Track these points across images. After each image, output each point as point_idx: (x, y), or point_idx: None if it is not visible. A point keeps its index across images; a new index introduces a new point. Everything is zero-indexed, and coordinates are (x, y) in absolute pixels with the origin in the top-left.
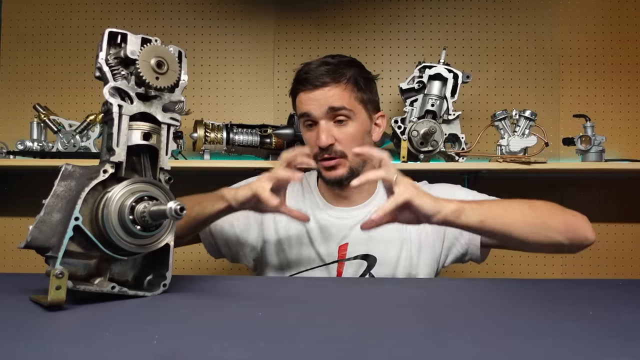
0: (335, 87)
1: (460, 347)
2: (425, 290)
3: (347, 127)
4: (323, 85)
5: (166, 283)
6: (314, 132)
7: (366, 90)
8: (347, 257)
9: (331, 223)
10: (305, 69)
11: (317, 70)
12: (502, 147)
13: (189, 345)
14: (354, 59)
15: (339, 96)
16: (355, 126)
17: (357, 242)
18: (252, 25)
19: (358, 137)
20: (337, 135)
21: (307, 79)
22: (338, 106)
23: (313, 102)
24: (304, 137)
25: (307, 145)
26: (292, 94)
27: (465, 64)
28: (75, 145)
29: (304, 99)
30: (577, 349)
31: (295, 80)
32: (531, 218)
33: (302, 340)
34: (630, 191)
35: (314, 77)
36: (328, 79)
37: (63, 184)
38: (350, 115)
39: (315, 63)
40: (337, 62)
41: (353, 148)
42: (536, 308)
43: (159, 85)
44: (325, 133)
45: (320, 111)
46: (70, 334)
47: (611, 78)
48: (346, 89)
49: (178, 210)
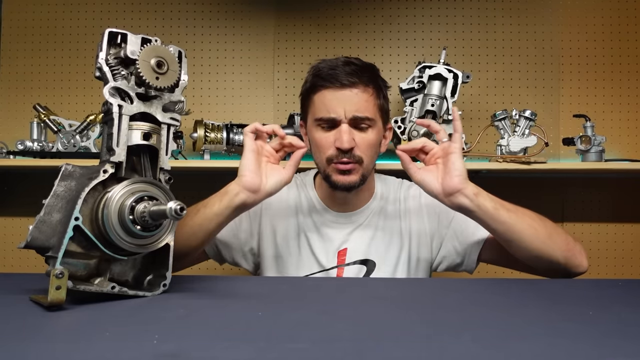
0: (363, 92)
1: (460, 347)
2: (425, 290)
3: (368, 134)
4: (351, 85)
5: (166, 283)
6: (330, 133)
7: (385, 99)
8: (346, 262)
9: (330, 228)
10: (329, 65)
11: (345, 69)
12: (502, 147)
13: (189, 345)
14: (372, 64)
15: (364, 104)
16: (374, 134)
17: (356, 247)
18: (252, 25)
19: (375, 145)
20: (357, 140)
21: (334, 75)
22: (363, 117)
23: (339, 103)
24: (315, 139)
25: (318, 147)
26: (308, 91)
27: (465, 64)
28: (75, 145)
29: (328, 99)
30: (576, 348)
31: (316, 75)
32: (539, 226)
33: (302, 340)
34: (630, 191)
35: (341, 75)
36: (357, 79)
37: (63, 184)
38: (372, 124)
39: (340, 61)
40: (362, 65)
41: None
42: (536, 308)
43: (159, 85)
44: (348, 135)
45: (345, 115)
46: (70, 334)
47: (611, 78)
48: (372, 95)
49: (178, 210)
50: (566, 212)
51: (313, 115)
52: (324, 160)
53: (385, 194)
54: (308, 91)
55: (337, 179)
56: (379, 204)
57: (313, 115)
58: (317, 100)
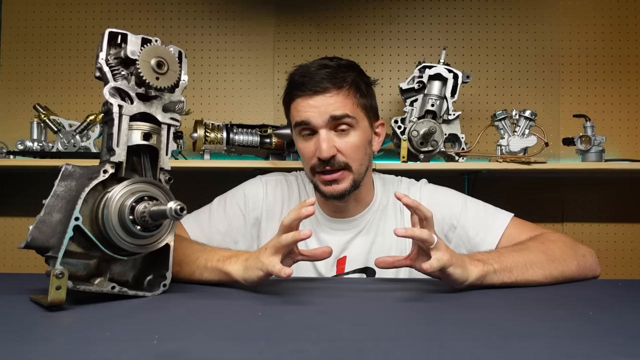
0: (337, 94)
1: (460, 347)
2: (425, 291)
3: (350, 137)
4: (324, 91)
5: (166, 283)
6: (311, 142)
7: (367, 96)
8: (345, 271)
9: (329, 235)
10: (301, 72)
11: (317, 74)
12: (502, 147)
13: (189, 345)
14: (352, 61)
15: (341, 103)
16: (358, 135)
17: (355, 256)
18: (252, 25)
19: (361, 147)
20: (339, 146)
21: (305, 83)
22: (340, 114)
23: (312, 109)
24: (299, 148)
25: (302, 157)
26: (285, 100)
27: (465, 64)
28: (75, 145)
29: (301, 106)
30: (577, 348)
31: (290, 85)
32: (550, 271)
33: (302, 340)
34: (630, 191)
35: (313, 81)
36: (329, 84)
37: (63, 184)
38: (352, 123)
39: (313, 66)
40: (337, 65)
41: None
42: (536, 308)
43: (159, 86)
44: (327, 143)
45: (321, 119)
46: (70, 334)
47: (611, 78)
48: (349, 95)
49: (178, 210)
50: (566, 212)
51: (293, 122)
52: (309, 171)
53: (386, 195)
54: (284, 101)
55: (325, 189)
56: (379, 207)
57: (293, 123)
58: (292, 109)
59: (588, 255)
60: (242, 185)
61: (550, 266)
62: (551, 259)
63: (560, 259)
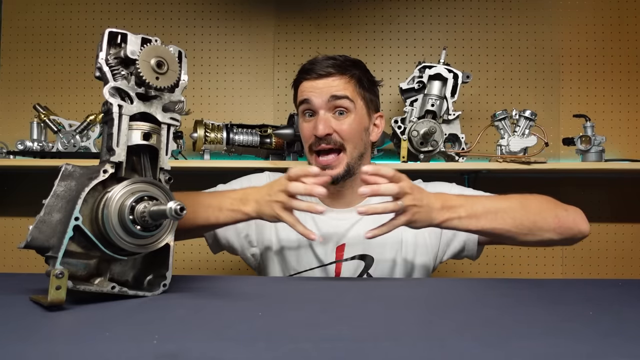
0: (340, 79)
1: (460, 347)
2: (425, 290)
3: (347, 119)
4: (327, 75)
5: (166, 283)
6: (311, 122)
7: (369, 90)
8: (344, 258)
9: (329, 225)
10: (310, 61)
11: (323, 62)
12: (502, 147)
13: (189, 346)
14: (359, 60)
15: (342, 86)
16: (355, 120)
17: (354, 243)
18: (252, 25)
19: (357, 132)
20: (335, 127)
21: (312, 68)
22: (340, 94)
23: (315, 90)
24: (301, 129)
25: (302, 137)
26: (294, 84)
27: (465, 64)
28: (75, 145)
29: (306, 87)
30: (577, 348)
31: (299, 72)
32: (521, 220)
33: (302, 340)
34: (630, 191)
35: (319, 67)
36: (333, 70)
37: (63, 184)
38: (351, 108)
39: (322, 57)
40: (344, 59)
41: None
42: (536, 308)
43: (159, 85)
44: (324, 123)
45: (322, 100)
46: (70, 334)
47: (611, 78)
48: (350, 82)
49: (178, 210)
50: None
51: (297, 102)
52: (308, 151)
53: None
54: (294, 84)
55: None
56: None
57: (297, 103)
58: (299, 91)
59: (572, 211)
60: (249, 176)
61: (522, 215)
62: (525, 208)
63: (536, 209)
